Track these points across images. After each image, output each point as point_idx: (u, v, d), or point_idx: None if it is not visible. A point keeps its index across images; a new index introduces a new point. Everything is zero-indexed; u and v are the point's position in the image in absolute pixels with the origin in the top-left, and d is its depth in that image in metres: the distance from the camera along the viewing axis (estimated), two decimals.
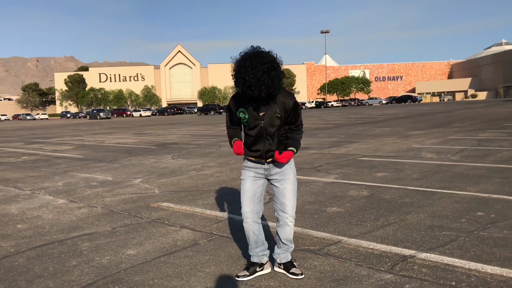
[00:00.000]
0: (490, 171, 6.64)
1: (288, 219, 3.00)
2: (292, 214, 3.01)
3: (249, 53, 2.75)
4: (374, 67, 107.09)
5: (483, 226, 4.00)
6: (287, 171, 3.02)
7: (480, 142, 10.57)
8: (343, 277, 3.02)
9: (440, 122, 18.53)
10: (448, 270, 3.05)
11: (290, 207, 3.00)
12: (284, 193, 3.00)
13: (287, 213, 3.00)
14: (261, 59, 2.69)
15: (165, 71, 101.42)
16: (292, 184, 3.02)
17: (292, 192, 3.01)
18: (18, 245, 4.06)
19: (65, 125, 39.15)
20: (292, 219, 3.01)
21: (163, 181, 7.12)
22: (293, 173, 3.05)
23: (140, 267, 3.37)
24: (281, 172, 3.01)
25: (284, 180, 3.01)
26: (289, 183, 3.01)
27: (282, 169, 3.01)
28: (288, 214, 3.00)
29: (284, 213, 3.01)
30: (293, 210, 3.01)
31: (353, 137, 13.64)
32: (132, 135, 19.69)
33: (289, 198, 3.00)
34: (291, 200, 3.00)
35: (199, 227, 4.40)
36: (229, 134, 3.13)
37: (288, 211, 3.00)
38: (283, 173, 3.01)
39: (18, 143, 17.72)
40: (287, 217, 3.00)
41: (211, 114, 62.24)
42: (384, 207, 4.83)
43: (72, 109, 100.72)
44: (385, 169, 7.30)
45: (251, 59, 2.70)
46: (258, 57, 2.70)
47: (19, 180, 7.88)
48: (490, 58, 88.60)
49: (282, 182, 3.01)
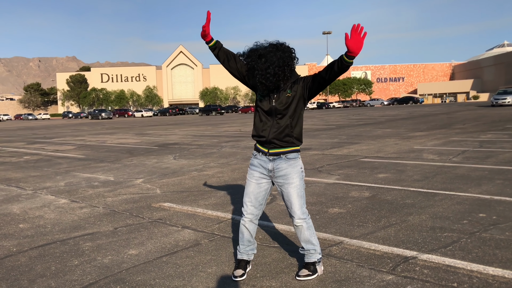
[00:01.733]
0: (492, 173, 6.63)
1: (298, 222, 3.00)
2: (300, 216, 2.99)
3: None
4: (376, 68, 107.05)
5: (485, 227, 3.99)
6: (291, 175, 2.97)
7: (482, 143, 10.56)
8: (345, 278, 3.02)
9: (441, 124, 18.51)
10: (450, 271, 3.04)
11: (295, 210, 2.99)
12: (288, 197, 3.00)
13: (294, 217, 3.01)
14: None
15: (167, 71, 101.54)
16: (296, 188, 2.97)
17: (296, 196, 2.98)
18: (20, 244, 4.07)
19: (66, 125, 39.22)
20: (301, 221, 2.99)
21: (165, 181, 7.13)
22: (298, 176, 2.99)
23: (142, 267, 3.37)
24: (284, 176, 2.98)
25: (288, 185, 2.99)
26: (293, 187, 2.97)
27: (286, 173, 2.98)
28: (295, 217, 3.00)
29: (292, 217, 3.02)
30: (301, 212, 2.99)
31: (354, 138, 13.63)
32: (133, 135, 19.72)
33: (293, 203, 2.98)
34: (297, 204, 2.98)
35: (201, 227, 4.41)
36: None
37: (295, 214, 3.00)
38: (286, 177, 2.98)
39: (20, 143, 17.76)
40: (296, 221, 3.00)
41: (212, 114, 62.28)
42: (385, 208, 4.83)
43: (74, 109, 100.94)
44: (387, 170, 7.29)
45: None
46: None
47: (21, 179, 7.89)
48: (492, 59, 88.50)
49: (286, 186, 3.00)
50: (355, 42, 2.58)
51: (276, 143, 2.96)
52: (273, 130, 2.96)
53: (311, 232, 3.04)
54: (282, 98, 2.92)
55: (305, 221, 3.01)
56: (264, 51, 2.84)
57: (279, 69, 2.80)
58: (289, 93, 2.91)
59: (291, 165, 2.97)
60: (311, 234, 3.03)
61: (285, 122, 2.94)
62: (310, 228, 3.04)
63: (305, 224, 3.01)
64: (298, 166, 3.01)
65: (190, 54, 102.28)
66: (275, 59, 2.79)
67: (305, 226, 3.01)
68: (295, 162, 2.99)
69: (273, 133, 2.95)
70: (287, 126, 2.94)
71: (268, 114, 2.97)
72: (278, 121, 2.94)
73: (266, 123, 2.99)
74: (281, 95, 2.92)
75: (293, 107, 2.93)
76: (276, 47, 2.85)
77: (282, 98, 2.91)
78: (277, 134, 2.94)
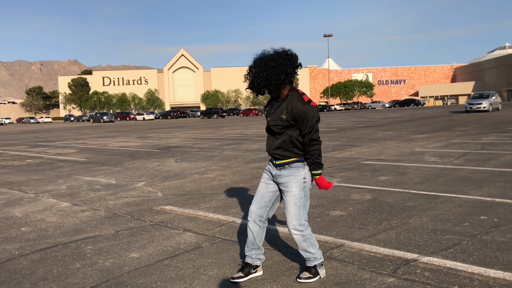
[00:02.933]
0: (493, 175, 6.63)
1: (293, 233, 2.99)
2: (296, 227, 2.96)
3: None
4: (377, 71, 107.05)
5: (486, 230, 3.99)
6: (290, 183, 2.96)
7: (484, 145, 10.55)
8: (346, 280, 3.02)
9: (443, 126, 18.49)
10: (451, 274, 3.04)
11: (290, 220, 2.98)
12: (286, 206, 3.01)
13: (289, 226, 3.00)
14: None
15: (168, 74, 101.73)
16: (293, 197, 2.95)
17: (293, 205, 2.95)
18: (22, 248, 4.09)
19: (68, 129, 39.30)
20: (294, 231, 2.98)
21: (166, 184, 7.14)
22: (297, 186, 2.95)
23: (143, 270, 3.38)
24: (284, 183, 2.98)
25: (286, 193, 2.99)
26: (290, 196, 2.96)
27: (286, 181, 2.97)
28: (290, 227, 3.00)
29: (288, 226, 3.02)
30: (297, 223, 2.96)
31: (356, 140, 13.63)
32: (135, 139, 19.75)
33: (289, 211, 2.98)
34: (291, 213, 2.96)
35: (202, 230, 4.41)
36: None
37: (289, 224, 3.00)
38: (286, 185, 2.98)
39: (22, 146, 17.80)
40: (291, 231, 3.00)
41: (214, 117, 62.33)
42: (387, 210, 4.83)
43: (76, 112, 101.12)
44: (388, 172, 7.29)
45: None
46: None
47: (23, 183, 7.91)
48: (494, 61, 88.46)
49: (285, 194, 3.00)
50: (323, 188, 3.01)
51: (277, 156, 2.99)
52: (270, 143, 3.02)
53: (308, 244, 3.01)
54: (276, 118, 2.92)
55: (301, 233, 2.97)
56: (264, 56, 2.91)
57: (273, 76, 2.82)
58: (284, 115, 2.88)
59: (292, 174, 2.95)
60: (308, 245, 3.01)
61: (283, 137, 2.95)
62: (307, 240, 3.00)
63: (301, 237, 2.98)
64: (299, 176, 2.95)
65: (191, 57, 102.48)
66: (270, 64, 2.83)
67: (301, 238, 2.99)
68: (297, 171, 2.95)
69: (271, 147, 3.01)
70: (284, 142, 2.94)
71: (267, 131, 3.04)
72: (277, 136, 2.97)
73: (269, 137, 3.06)
74: (276, 114, 2.92)
75: (287, 128, 2.93)
76: (277, 54, 2.87)
77: (277, 118, 2.92)
78: (275, 149, 2.97)
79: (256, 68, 2.88)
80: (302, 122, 2.85)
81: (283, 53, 2.86)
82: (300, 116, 2.84)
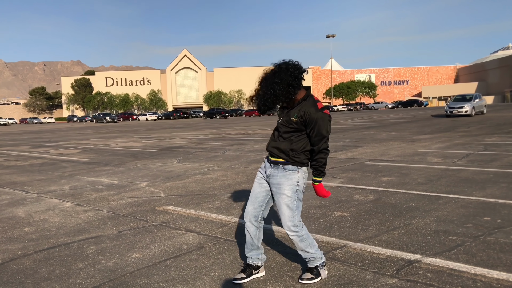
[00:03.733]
0: (496, 176, 6.61)
1: (290, 234, 3.01)
2: (291, 229, 2.98)
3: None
4: (380, 71, 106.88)
5: (489, 231, 3.98)
6: (282, 186, 2.96)
7: (487, 146, 10.52)
8: (348, 281, 3.02)
9: (446, 127, 18.45)
10: (453, 275, 3.03)
11: (284, 222, 2.99)
12: (279, 208, 3.01)
13: (285, 228, 3.01)
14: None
15: (171, 75, 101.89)
16: (285, 200, 2.95)
17: (286, 207, 2.96)
18: (25, 248, 4.10)
19: (71, 129, 39.41)
20: (290, 232, 2.99)
21: (169, 184, 7.15)
22: (290, 189, 2.95)
23: (146, 271, 3.38)
24: (277, 184, 2.98)
25: (278, 195, 2.99)
26: (283, 198, 2.96)
27: (279, 182, 2.97)
28: (285, 229, 3.01)
29: (284, 228, 3.03)
30: (292, 225, 2.96)
31: (358, 141, 13.61)
32: (138, 139, 19.78)
33: (283, 213, 2.98)
34: (285, 215, 2.97)
35: (205, 230, 4.41)
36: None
37: (285, 226, 3.00)
38: (279, 186, 2.98)
39: (25, 146, 17.86)
40: (287, 232, 3.01)
41: (216, 118, 62.35)
42: (389, 211, 4.82)
43: (79, 113, 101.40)
44: (391, 173, 7.28)
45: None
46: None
47: (26, 183, 7.94)
48: (497, 62, 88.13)
49: (277, 196, 3.01)
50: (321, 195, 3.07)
51: (274, 153, 3.00)
52: (273, 141, 3.03)
53: (306, 244, 3.01)
54: (287, 119, 2.93)
55: (297, 234, 2.98)
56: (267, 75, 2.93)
57: (279, 91, 2.83)
58: (295, 118, 2.89)
59: (285, 176, 2.95)
60: (306, 245, 3.01)
61: (286, 141, 2.96)
62: (304, 240, 3.01)
63: (297, 237, 2.99)
64: (293, 179, 2.95)
65: (194, 58, 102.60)
66: (273, 81, 2.85)
67: (297, 239, 3.00)
68: (291, 174, 2.95)
69: (271, 143, 3.03)
70: (286, 144, 2.95)
71: (275, 130, 3.06)
72: (282, 136, 2.98)
73: (274, 135, 3.06)
74: (288, 116, 2.93)
75: (294, 133, 2.94)
76: (279, 69, 2.88)
77: (288, 120, 2.93)
78: (274, 147, 2.99)
79: (262, 90, 2.89)
80: (313, 129, 2.85)
81: (284, 66, 2.86)
82: (311, 122, 2.84)
